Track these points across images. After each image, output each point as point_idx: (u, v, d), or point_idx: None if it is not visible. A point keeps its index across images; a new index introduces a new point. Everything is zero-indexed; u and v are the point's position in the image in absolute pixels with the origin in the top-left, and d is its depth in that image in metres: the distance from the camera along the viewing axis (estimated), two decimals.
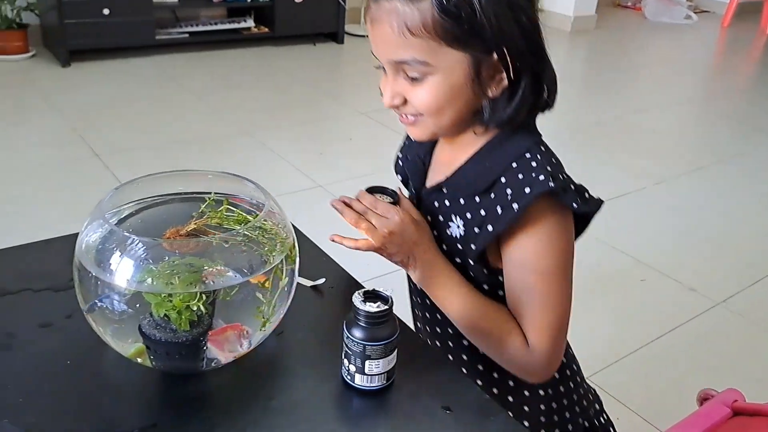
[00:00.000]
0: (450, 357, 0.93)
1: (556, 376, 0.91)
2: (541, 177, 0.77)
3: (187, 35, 4.07)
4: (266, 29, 4.32)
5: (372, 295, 0.71)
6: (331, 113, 3.43)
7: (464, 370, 0.92)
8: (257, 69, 4.04)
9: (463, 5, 0.72)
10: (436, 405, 0.70)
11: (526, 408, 0.92)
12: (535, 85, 0.79)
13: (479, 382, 0.91)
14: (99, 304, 0.69)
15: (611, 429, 1.01)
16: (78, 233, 0.71)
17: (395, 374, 0.72)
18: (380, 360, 0.69)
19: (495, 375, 0.91)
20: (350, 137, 3.20)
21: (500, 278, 0.85)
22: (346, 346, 0.70)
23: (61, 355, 0.73)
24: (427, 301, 0.90)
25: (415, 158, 0.95)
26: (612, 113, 3.86)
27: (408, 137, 0.98)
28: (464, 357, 0.92)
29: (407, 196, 0.92)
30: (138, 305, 0.68)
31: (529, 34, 0.76)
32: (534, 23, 0.77)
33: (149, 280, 0.66)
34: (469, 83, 0.77)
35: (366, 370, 0.69)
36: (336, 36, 4.57)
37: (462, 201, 0.84)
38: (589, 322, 2.00)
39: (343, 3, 4.46)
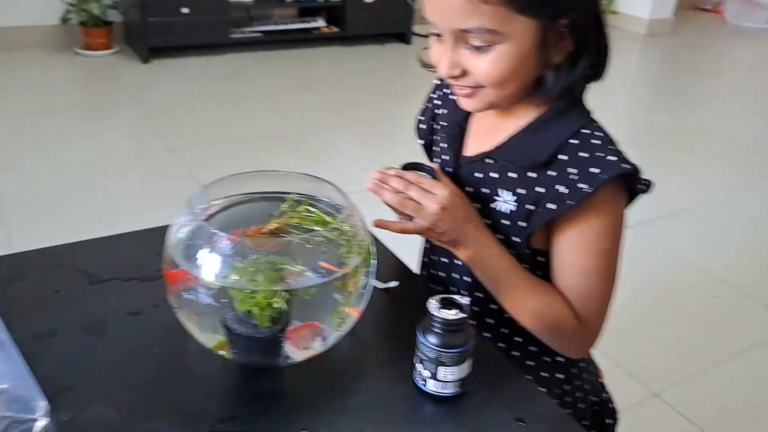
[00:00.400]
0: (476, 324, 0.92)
1: None
2: (612, 158, 0.76)
3: (260, 34, 4.17)
4: (336, 29, 4.38)
5: (448, 302, 0.71)
6: (398, 113, 3.45)
7: (488, 335, 0.91)
8: (326, 68, 4.10)
9: None
10: (509, 416, 0.70)
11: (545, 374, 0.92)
12: (594, 53, 0.79)
13: (515, 353, 0.91)
14: (186, 296, 0.72)
15: (611, 404, 1.00)
16: (162, 227, 0.75)
17: (468, 382, 0.72)
18: (454, 367, 0.70)
19: (531, 347, 0.90)
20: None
21: (539, 258, 0.84)
22: (420, 351, 0.71)
23: (149, 343, 0.77)
24: (454, 261, 0.89)
25: (451, 123, 0.91)
26: (688, 119, 3.73)
27: (431, 99, 0.96)
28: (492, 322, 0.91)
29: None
30: (222, 300, 0.70)
31: (591, 4, 0.77)
32: None
33: (235, 277, 0.69)
34: (536, 51, 0.75)
35: (439, 377, 0.70)
36: (404, 36, 4.59)
37: (514, 174, 0.82)
38: (658, 335, 1.95)
39: (411, 3, 4.47)
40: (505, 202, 0.83)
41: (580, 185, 0.76)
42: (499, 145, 0.84)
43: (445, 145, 0.92)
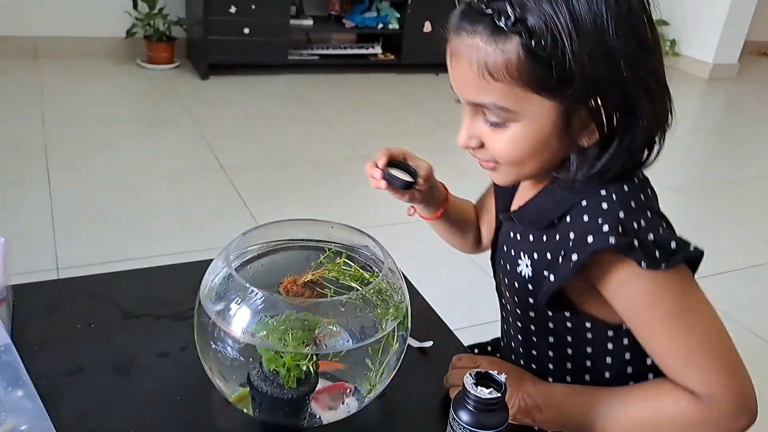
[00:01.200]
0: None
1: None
2: (605, 228, 0.67)
3: (317, 57, 4.21)
4: (392, 56, 4.40)
5: (484, 377, 0.67)
6: (446, 145, 3.41)
7: None
8: (380, 94, 4.11)
9: (554, 49, 0.63)
10: None
11: None
12: (636, 140, 0.69)
13: None
14: (213, 346, 0.70)
15: None
16: (201, 261, 0.73)
17: None
18: None
19: None
20: (464, 172, 3.18)
21: (587, 323, 0.78)
22: (451, 426, 0.67)
23: (173, 388, 0.75)
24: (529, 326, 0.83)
25: None
26: (750, 171, 3.58)
27: None
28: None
29: None
30: (249, 355, 0.68)
31: (630, 87, 0.66)
32: (647, 74, 0.67)
33: (264, 334, 0.67)
34: (557, 133, 0.69)
35: None
36: None
37: (531, 237, 0.78)
38: None
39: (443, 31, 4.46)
40: (526, 266, 0.78)
41: (573, 255, 0.68)
42: (522, 205, 0.80)
43: (498, 198, 0.90)
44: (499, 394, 0.66)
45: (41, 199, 2.41)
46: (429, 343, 0.88)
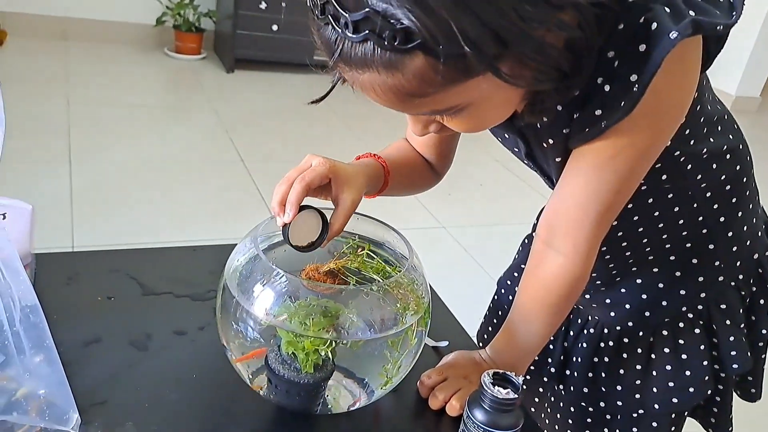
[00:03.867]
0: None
1: None
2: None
3: None
4: None
5: (501, 378, 0.67)
6: (465, 156, 3.41)
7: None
8: None
9: (451, 37, 0.51)
10: None
11: None
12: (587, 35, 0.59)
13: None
14: (234, 326, 0.70)
15: None
16: (221, 246, 0.73)
17: None
18: None
19: None
20: (481, 183, 3.17)
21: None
22: (465, 424, 0.67)
23: (189, 366, 0.76)
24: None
25: None
26: None
27: None
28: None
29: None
30: (270, 337, 0.68)
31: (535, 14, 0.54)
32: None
33: (285, 317, 0.67)
34: (511, 93, 0.62)
35: None
36: None
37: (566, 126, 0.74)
38: None
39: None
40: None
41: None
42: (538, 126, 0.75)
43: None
44: (516, 395, 0.65)
45: (62, 178, 2.44)
46: (444, 343, 0.87)
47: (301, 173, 0.71)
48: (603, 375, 0.91)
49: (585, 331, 0.93)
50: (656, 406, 0.88)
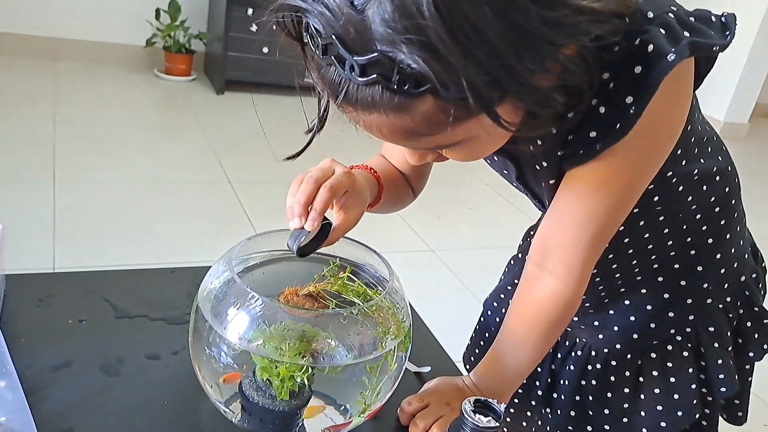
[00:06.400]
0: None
1: None
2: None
3: None
4: None
5: (482, 406, 0.65)
6: (455, 179, 3.43)
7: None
8: None
9: (457, 81, 0.50)
10: None
11: None
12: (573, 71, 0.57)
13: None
14: (207, 351, 0.68)
15: None
16: (199, 268, 0.72)
17: None
18: None
19: None
20: (470, 207, 3.17)
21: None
22: None
23: (161, 393, 0.73)
24: None
25: None
26: (761, 234, 3.56)
27: None
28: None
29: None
30: (243, 363, 0.66)
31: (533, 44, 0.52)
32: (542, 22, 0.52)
33: (260, 342, 0.64)
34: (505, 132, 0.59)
35: None
36: None
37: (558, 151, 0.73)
38: None
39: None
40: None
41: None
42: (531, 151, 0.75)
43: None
44: (497, 423, 0.63)
45: (45, 197, 2.41)
46: (427, 369, 0.85)
47: (324, 176, 0.70)
48: (590, 398, 0.89)
49: (573, 354, 0.91)
50: (644, 431, 0.86)
